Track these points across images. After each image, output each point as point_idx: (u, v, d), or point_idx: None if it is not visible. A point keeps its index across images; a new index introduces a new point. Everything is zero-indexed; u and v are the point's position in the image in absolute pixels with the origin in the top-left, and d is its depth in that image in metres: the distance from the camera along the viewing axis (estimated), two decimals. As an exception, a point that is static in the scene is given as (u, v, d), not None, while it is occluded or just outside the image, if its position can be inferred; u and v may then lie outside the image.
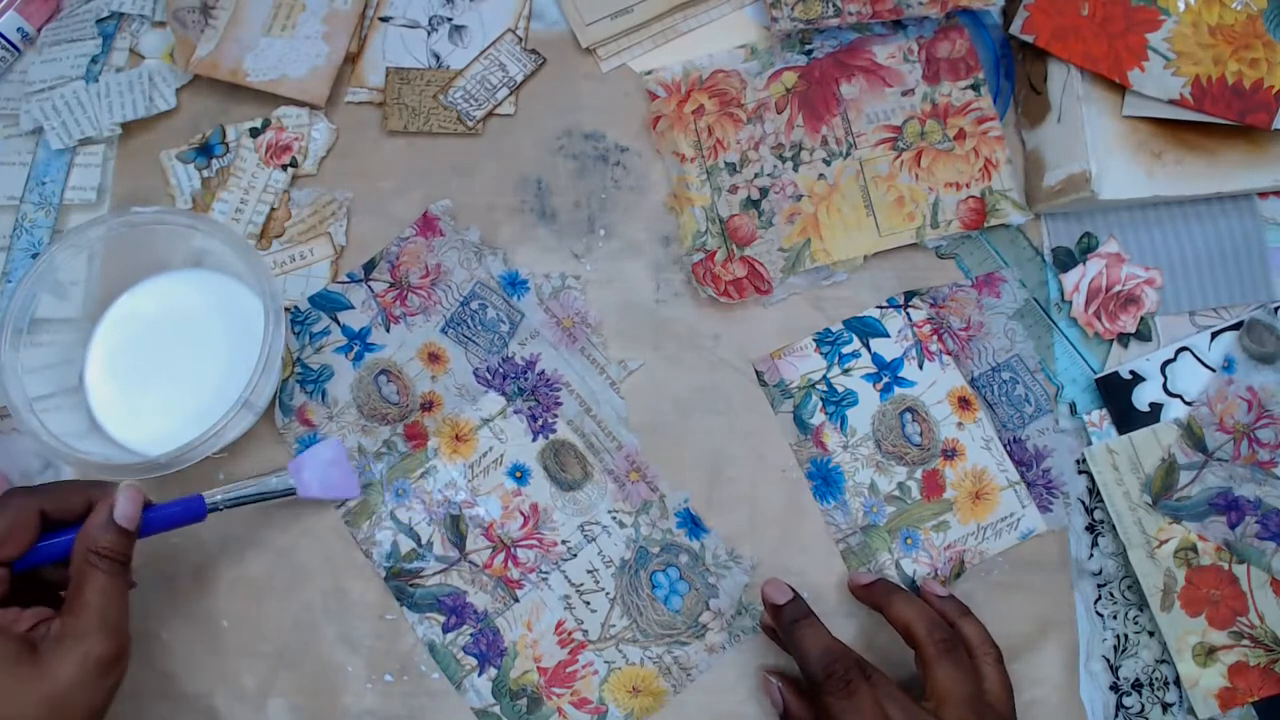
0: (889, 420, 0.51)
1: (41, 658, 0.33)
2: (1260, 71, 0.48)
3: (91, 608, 0.35)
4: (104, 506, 0.38)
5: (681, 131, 0.53)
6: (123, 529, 0.38)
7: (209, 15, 0.54)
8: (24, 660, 0.33)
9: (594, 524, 0.50)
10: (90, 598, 0.35)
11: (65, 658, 0.33)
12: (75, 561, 0.36)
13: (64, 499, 0.38)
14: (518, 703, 0.48)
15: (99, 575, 0.36)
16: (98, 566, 0.36)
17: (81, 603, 0.35)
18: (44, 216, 0.53)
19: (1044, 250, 0.53)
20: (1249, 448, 0.49)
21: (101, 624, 0.35)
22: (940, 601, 0.46)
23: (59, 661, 0.33)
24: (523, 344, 0.51)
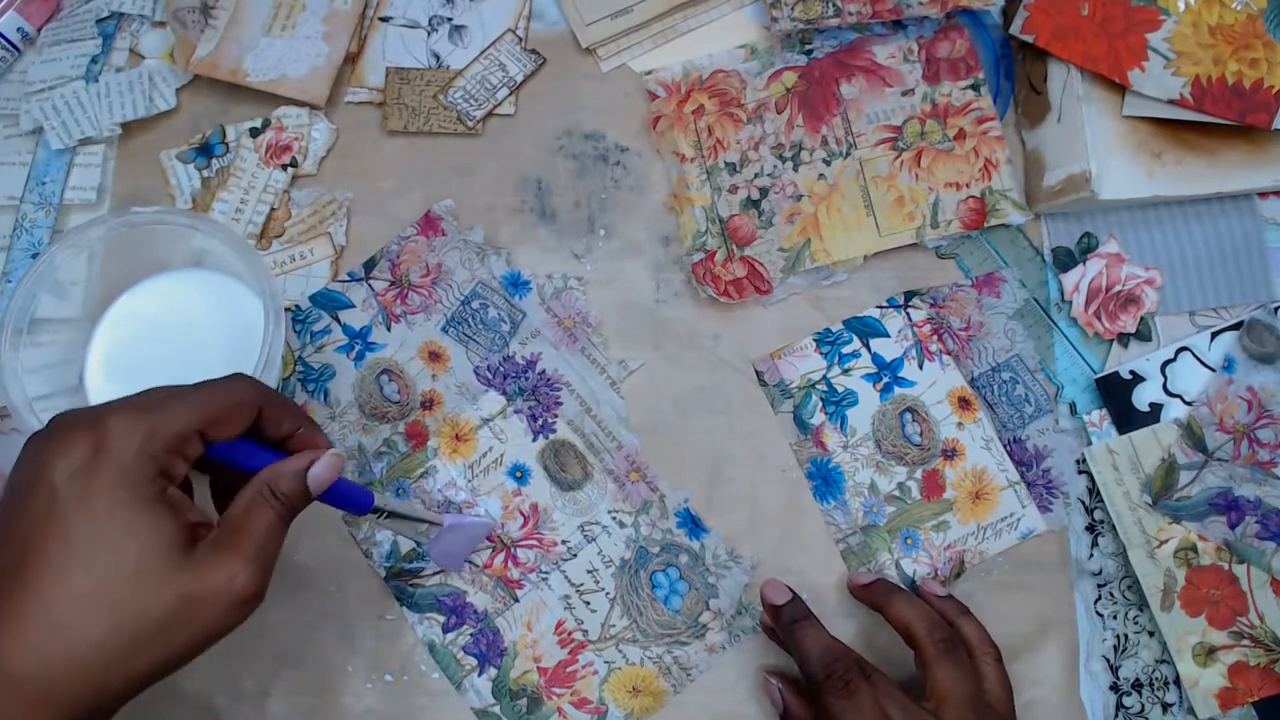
0: (889, 420, 0.51)
1: (195, 555, 0.32)
2: (1260, 71, 0.48)
3: (253, 538, 0.34)
4: (305, 457, 0.36)
5: (681, 131, 0.53)
6: (308, 489, 0.36)
7: (209, 15, 0.54)
8: (180, 549, 0.32)
9: (594, 524, 0.50)
10: (255, 529, 0.34)
11: (215, 568, 0.32)
12: (252, 488, 0.35)
13: (280, 417, 0.37)
14: (518, 703, 0.48)
15: (269, 513, 0.35)
16: (271, 505, 0.35)
17: (246, 529, 0.34)
18: (44, 216, 0.53)
19: (1044, 250, 0.53)
20: (1249, 448, 0.49)
21: (256, 556, 0.33)
22: (940, 601, 0.46)
23: (208, 568, 0.32)
24: (523, 343, 0.51)
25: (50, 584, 0.30)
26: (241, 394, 0.36)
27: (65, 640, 0.30)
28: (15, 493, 0.32)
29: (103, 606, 0.30)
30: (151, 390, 0.34)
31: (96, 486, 0.31)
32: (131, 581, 0.31)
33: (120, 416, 0.32)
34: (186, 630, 0.32)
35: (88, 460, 0.31)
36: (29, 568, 0.30)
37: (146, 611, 0.31)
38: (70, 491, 0.31)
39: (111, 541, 0.31)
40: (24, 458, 0.33)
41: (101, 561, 0.31)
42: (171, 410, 0.33)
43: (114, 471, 0.31)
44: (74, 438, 0.32)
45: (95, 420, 0.32)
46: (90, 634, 0.30)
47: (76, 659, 0.30)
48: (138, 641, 0.31)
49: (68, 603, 0.30)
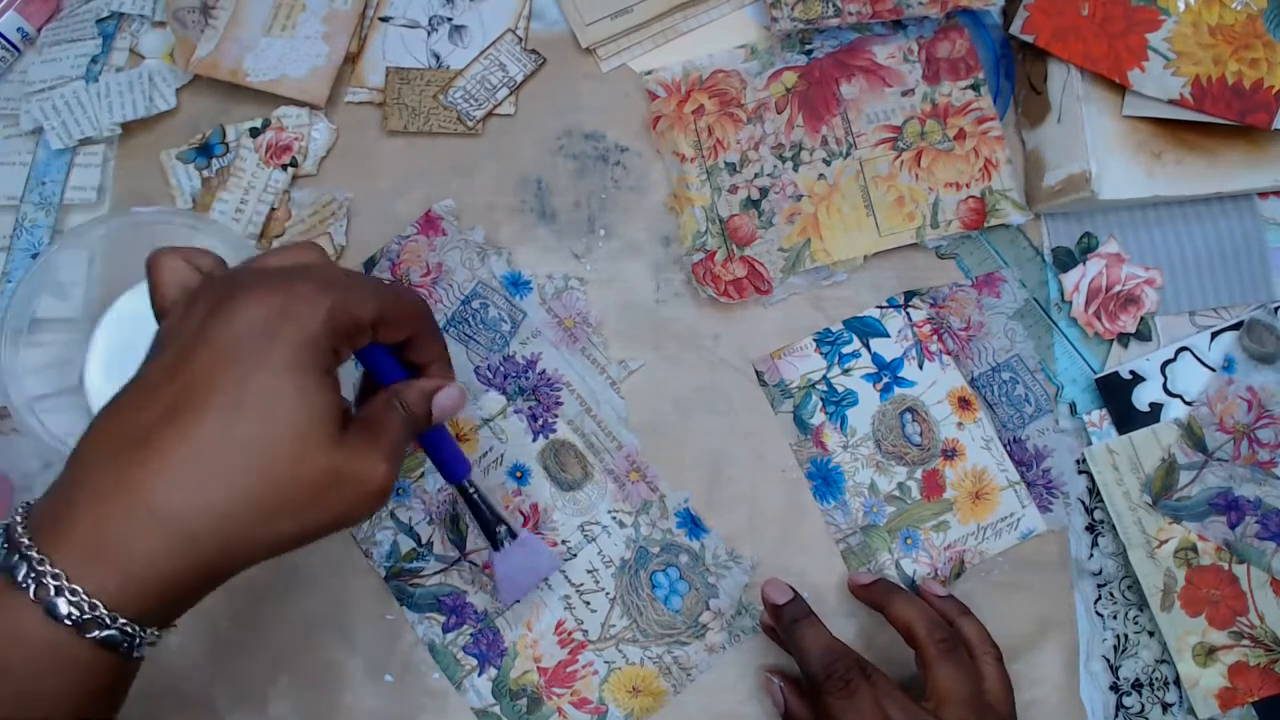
0: (889, 420, 0.51)
1: (348, 436, 0.33)
2: (1260, 71, 0.48)
3: (390, 437, 0.34)
4: (435, 381, 0.38)
5: (681, 131, 0.53)
6: (429, 412, 0.37)
7: (209, 15, 0.54)
8: (338, 425, 0.33)
9: (594, 524, 0.50)
10: (391, 429, 0.35)
11: (362, 454, 0.33)
12: (385, 395, 0.36)
13: (429, 341, 0.38)
14: (518, 703, 0.48)
15: (400, 419, 0.36)
16: (400, 413, 0.36)
17: (384, 428, 0.35)
18: (44, 216, 0.53)
19: (1044, 250, 0.53)
20: (1249, 448, 0.49)
21: (393, 453, 0.34)
22: (940, 601, 0.46)
23: (357, 451, 0.33)
24: (524, 343, 0.51)
25: (216, 427, 0.30)
26: (416, 304, 0.37)
27: (217, 484, 0.30)
28: (185, 331, 0.32)
29: (261, 460, 0.31)
30: (339, 269, 0.36)
31: (279, 344, 0.31)
32: (292, 442, 0.31)
33: (311, 285, 0.32)
34: (327, 505, 0.32)
35: (272, 317, 0.31)
36: (195, 406, 0.30)
37: (299, 475, 0.31)
38: (252, 344, 0.31)
39: (282, 400, 0.31)
40: (201, 299, 0.33)
41: (268, 417, 0.31)
42: (356, 295, 0.33)
43: (298, 334, 0.32)
44: (263, 294, 0.32)
45: (285, 283, 0.32)
46: (242, 485, 0.30)
47: (222, 506, 0.30)
48: (283, 504, 0.31)
49: (229, 449, 0.30)
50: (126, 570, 0.29)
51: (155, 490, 0.29)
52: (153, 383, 0.31)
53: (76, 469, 0.31)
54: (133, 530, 0.29)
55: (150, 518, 0.29)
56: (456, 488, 0.43)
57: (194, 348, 0.31)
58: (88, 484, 0.30)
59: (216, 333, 0.31)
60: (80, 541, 0.29)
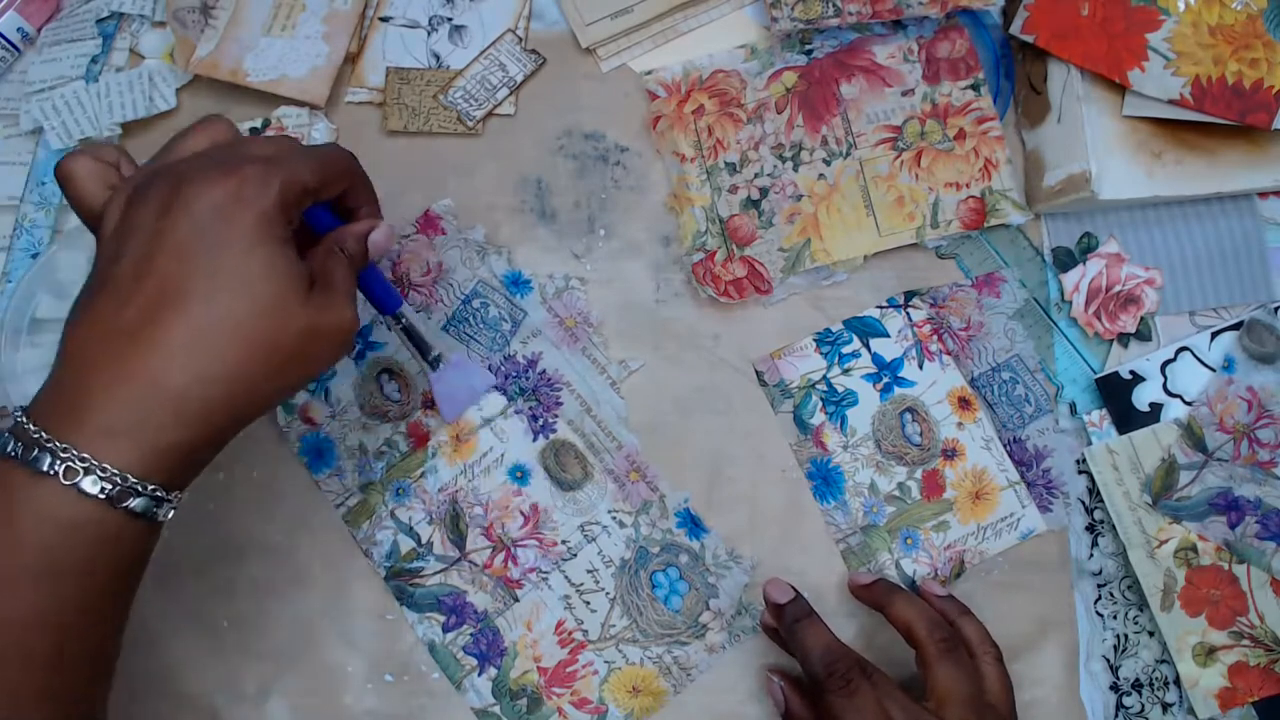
0: (889, 420, 0.51)
1: (313, 295, 0.36)
2: (1260, 71, 0.48)
3: (344, 282, 0.38)
4: (367, 224, 0.41)
5: (681, 131, 0.53)
6: (365, 251, 0.40)
7: (209, 15, 0.54)
8: (305, 288, 0.35)
9: (594, 524, 0.50)
10: (341, 272, 0.38)
11: (329, 306, 0.36)
12: (325, 245, 0.39)
13: (360, 191, 0.41)
14: (518, 703, 0.48)
15: (344, 263, 0.38)
16: (342, 258, 0.39)
17: (336, 275, 0.37)
18: (44, 216, 0.53)
19: (1044, 250, 0.53)
20: (1249, 448, 0.49)
21: (350, 297, 0.37)
22: (940, 601, 0.46)
23: (324, 306, 0.36)
24: (524, 343, 0.51)
25: (201, 310, 0.33)
26: (347, 160, 0.40)
27: (214, 359, 0.33)
28: (140, 228, 0.34)
29: (246, 332, 0.34)
30: (271, 141, 0.38)
31: (238, 227, 0.34)
32: (270, 313, 0.34)
33: (256, 167, 0.35)
34: (309, 357, 0.36)
35: (227, 203, 0.34)
36: (177, 295, 0.33)
37: (281, 340, 0.34)
38: (215, 230, 0.33)
39: (253, 277, 0.34)
40: (145, 197, 0.35)
41: (246, 293, 0.34)
42: (299, 166, 0.36)
43: (254, 215, 0.34)
44: (214, 183, 0.34)
45: (232, 168, 0.34)
46: (235, 356, 0.33)
47: (222, 378, 0.33)
48: (271, 367, 0.34)
49: (217, 327, 0.33)
50: (144, 443, 0.32)
51: (159, 372, 0.32)
52: (125, 282, 0.33)
53: (71, 367, 0.33)
54: (145, 409, 0.32)
55: (159, 396, 0.32)
56: (390, 318, 0.46)
57: (158, 243, 0.33)
58: (89, 376, 0.33)
59: (177, 225, 0.33)
60: (97, 426, 0.32)
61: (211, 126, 0.38)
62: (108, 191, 0.37)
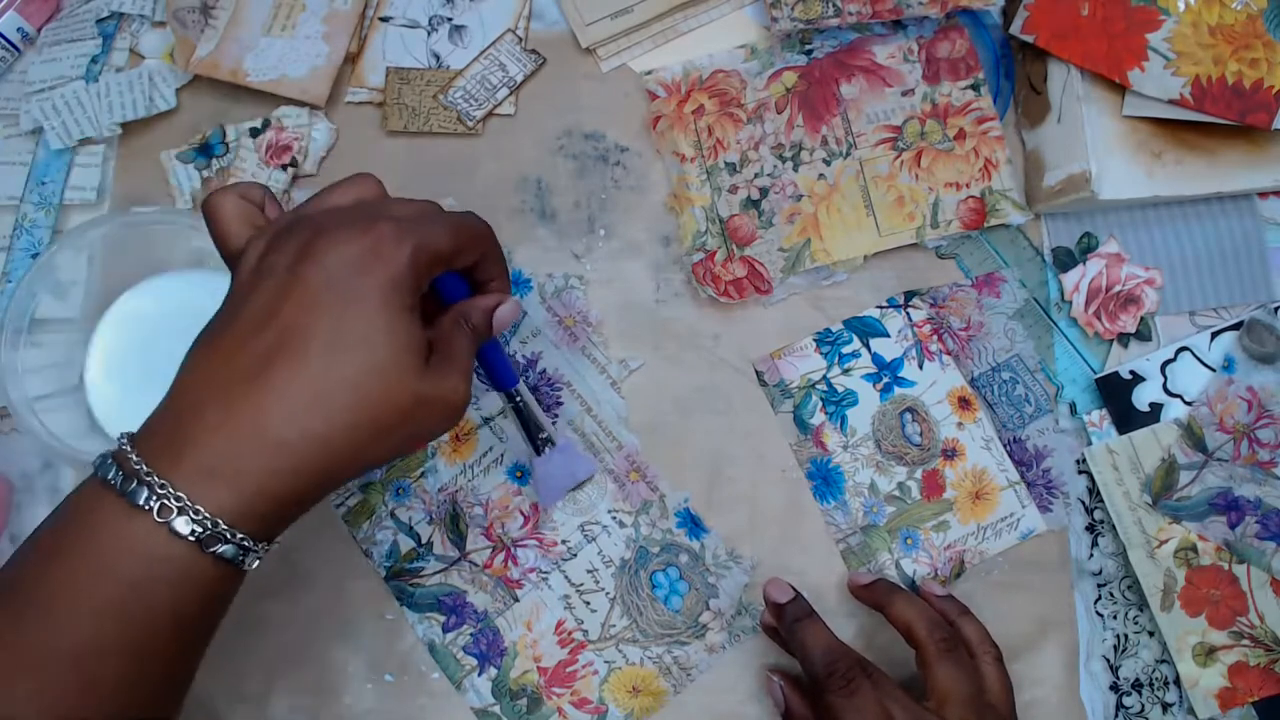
0: (889, 420, 0.51)
1: (430, 364, 0.35)
2: (1260, 71, 0.48)
3: (462, 357, 0.37)
4: (494, 297, 0.40)
5: (681, 131, 0.53)
6: (490, 326, 0.40)
7: (209, 15, 0.54)
8: (423, 355, 0.35)
9: (594, 524, 0.50)
10: (461, 349, 0.37)
11: (443, 378, 0.36)
12: (451, 316, 0.39)
13: (492, 262, 0.40)
14: (518, 703, 0.48)
15: (467, 337, 0.38)
16: (466, 331, 0.38)
17: (456, 349, 0.37)
18: (44, 216, 0.53)
19: (1044, 250, 0.53)
20: (1249, 448, 0.49)
21: (467, 372, 0.37)
22: (939, 601, 0.46)
23: (439, 377, 0.35)
24: (524, 342, 0.51)
25: (317, 365, 0.33)
26: (484, 231, 0.39)
27: (321, 416, 0.33)
28: (274, 272, 0.34)
29: (360, 392, 0.33)
30: (414, 203, 0.38)
31: (369, 285, 0.33)
32: (385, 376, 0.34)
33: (393, 226, 0.34)
34: (415, 427, 0.35)
35: (362, 259, 0.33)
36: (297, 346, 0.33)
37: (392, 405, 0.34)
38: (344, 285, 0.33)
39: (377, 337, 0.33)
40: (285, 241, 0.34)
41: (364, 353, 0.33)
42: (435, 232, 0.36)
43: (386, 275, 0.34)
44: (351, 237, 0.34)
45: (369, 224, 0.34)
46: (344, 416, 0.33)
47: (329, 435, 0.33)
48: (379, 430, 0.34)
49: (333, 384, 0.33)
50: (241, 491, 0.32)
51: (266, 421, 0.32)
52: (251, 323, 0.33)
53: (183, 401, 0.33)
54: (246, 456, 0.32)
55: (262, 445, 0.32)
56: (504, 395, 0.46)
57: (289, 289, 0.33)
58: (199, 415, 0.32)
59: (309, 275, 0.33)
60: (197, 467, 0.32)
61: (361, 183, 0.38)
62: (250, 231, 0.37)
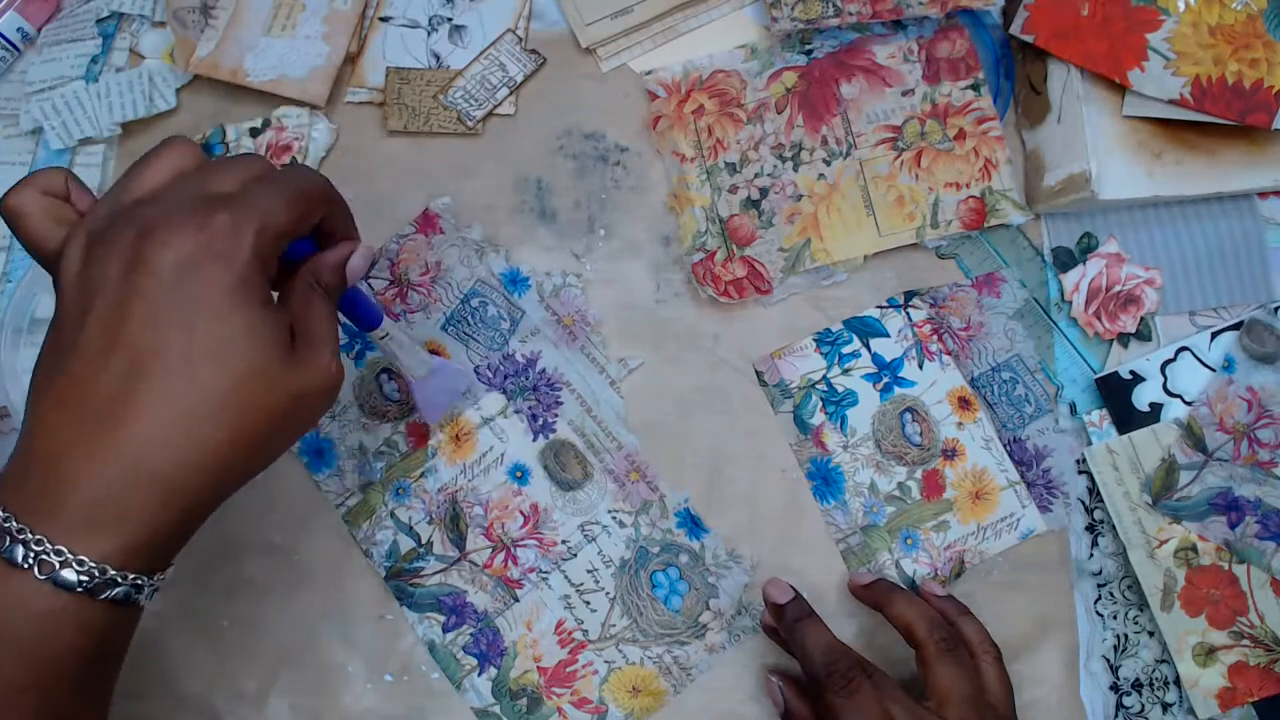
0: (889, 420, 0.51)
1: (296, 353, 0.33)
2: (1260, 71, 0.48)
3: (324, 322, 0.35)
4: (344, 248, 0.37)
5: (681, 131, 0.53)
6: (344, 280, 0.37)
7: (209, 15, 0.54)
8: (288, 348, 0.33)
9: (594, 524, 0.50)
10: (320, 314, 0.35)
11: (312, 362, 0.33)
12: (300, 282, 0.35)
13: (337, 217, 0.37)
14: (518, 702, 0.48)
15: (322, 300, 0.35)
16: (320, 293, 0.36)
17: (314, 317, 0.35)
18: (44, 216, 0.53)
19: (1044, 250, 0.53)
20: (1249, 448, 0.49)
21: (333, 339, 0.35)
22: (939, 601, 0.46)
23: (309, 364, 0.33)
24: (524, 341, 0.51)
25: (180, 385, 0.30)
26: (323, 190, 0.36)
27: (197, 438, 0.31)
28: (105, 284, 0.31)
29: (231, 405, 0.31)
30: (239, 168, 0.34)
31: (214, 288, 0.31)
32: (252, 382, 0.31)
33: (225, 216, 0.31)
34: (295, 422, 0.33)
35: (198, 260, 0.31)
36: (154, 369, 0.30)
37: (267, 408, 0.32)
38: (186, 293, 0.30)
39: (235, 343, 0.31)
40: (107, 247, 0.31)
41: (228, 363, 0.31)
42: (273, 207, 0.32)
43: (230, 275, 0.31)
44: (179, 234, 0.31)
45: (199, 216, 0.31)
46: (217, 434, 0.31)
47: (207, 456, 0.31)
48: (258, 438, 0.32)
49: (199, 402, 0.31)
50: (125, 533, 0.30)
51: (137, 457, 0.30)
52: (95, 350, 0.31)
53: (45, 447, 0.30)
54: (124, 495, 0.30)
55: (137, 481, 0.30)
56: (374, 334, 0.43)
57: (125, 305, 0.30)
58: (63, 459, 0.30)
59: (144, 286, 0.30)
60: (74, 515, 0.30)
61: (174, 151, 0.34)
62: (61, 229, 0.33)
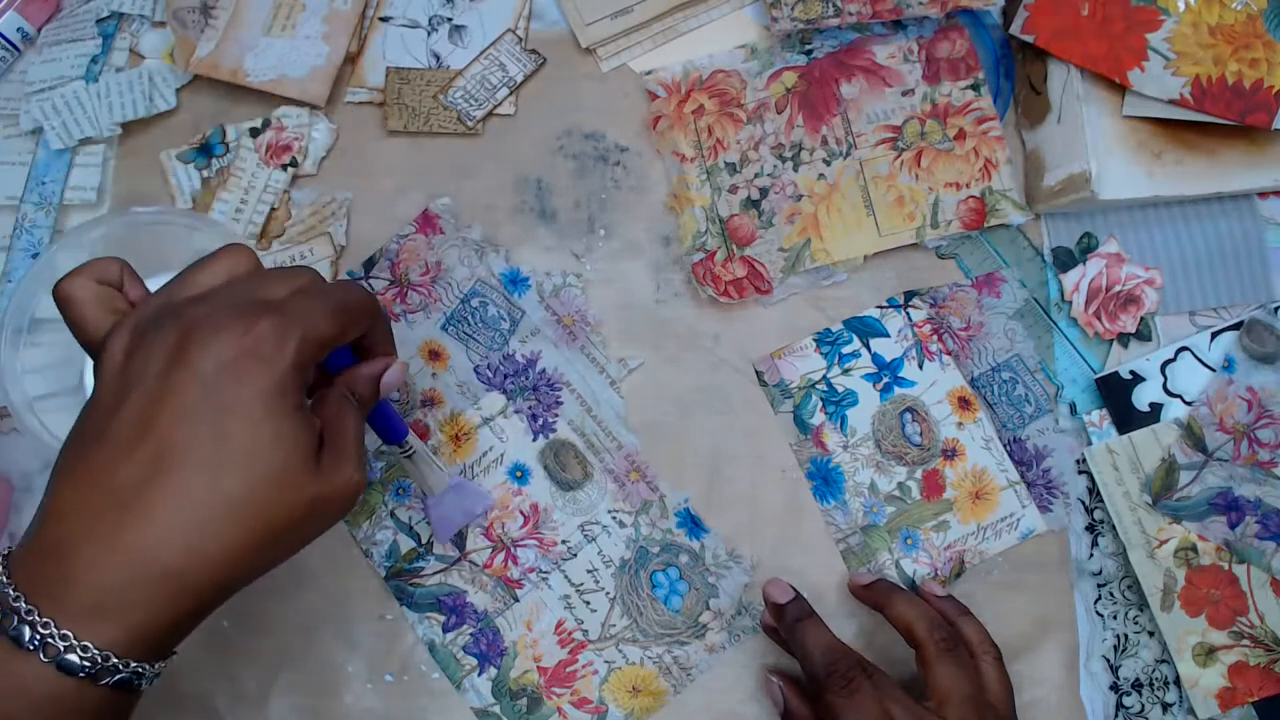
0: (889, 420, 0.51)
1: (322, 461, 0.33)
2: (1260, 71, 0.48)
3: (352, 439, 0.35)
4: (380, 363, 0.38)
5: (681, 131, 0.53)
6: (377, 393, 0.38)
7: (209, 15, 0.54)
8: (314, 456, 0.33)
9: (594, 524, 0.50)
10: (351, 430, 0.35)
11: (337, 472, 0.34)
12: (336, 391, 0.36)
13: (378, 331, 0.38)
14: (518, 702, 0.48)
15: (354, 412, 0.36)
16: (353, 405, 0.36)
17: (345, 431, 0.35)
18: (44, 216, 0.53)
19: (1044, 250, 0.53)
20: (1249, 448, 0.49)
21: (358, 454, 0.35)
22: (939, 601, 0.46)
23: (332, 473, 0.34)
24: (524, 341, 0.51)
25: (201, 483, 0.31)
26: (368, 305, 0.37)
27: (214, 538, 0.31)
28: (144, 376, 0.31)
29: (251, 509, 0.31)
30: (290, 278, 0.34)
31: (251, 392, 0.31)
32: (277, 487, 0.32)
33: (272, 321, 0.32)
34: (312, 527, 0.34)
35: (239, 362, 0.31)
36: (177, 463, 0.31)
37: (287, 514, 0.32)
38: (223, 393, 0.31)
39: (264, 448, 0.31)
40: (152, 340, 0.32)
41: (254, 467, 0.31)
42: (318, 318, 0.33)
43: (268, 380, 0.31)
44: (226, 337, 0.31)
45: (248, 320, 0.32)
46: (235, 535, 0.31)
47: (220, 555, 0.31)
48: (274, 540, 0.32)
49: (220, 504, 0.31)
50: (132, 624, 0.30)
51: (151, 550, 0.30)
52: (124, 439, 0.31)
53: (60, 530, 0.31)
54: (134, 586, 0.30)
55: (149, 574, 0.30)
56: (396, 447, 0.45)
57: (161, 399, 0.31)
58: (77, 543, 0.30)
59: (183, 383, 0.31)
60: (82, 601, 0.30)
61: (232, 256, 0.35)
62: (111, 317, 0.34)
